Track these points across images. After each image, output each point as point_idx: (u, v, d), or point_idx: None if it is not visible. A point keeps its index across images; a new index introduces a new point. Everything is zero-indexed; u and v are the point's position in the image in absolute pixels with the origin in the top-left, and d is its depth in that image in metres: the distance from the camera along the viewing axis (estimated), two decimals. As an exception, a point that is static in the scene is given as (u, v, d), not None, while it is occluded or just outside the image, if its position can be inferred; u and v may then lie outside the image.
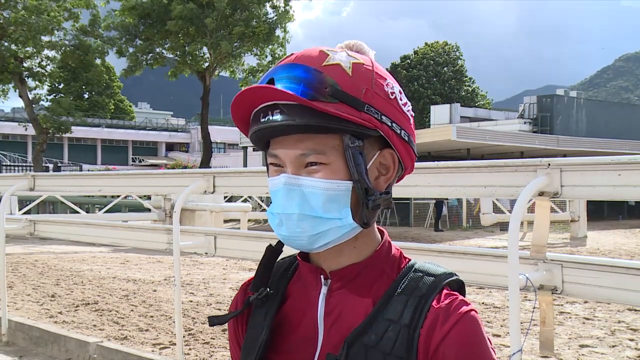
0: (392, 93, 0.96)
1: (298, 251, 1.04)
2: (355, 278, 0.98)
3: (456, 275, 0.99)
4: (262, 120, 0.93)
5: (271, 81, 0.94)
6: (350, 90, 0.92)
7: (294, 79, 0.92)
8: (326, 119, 0.90)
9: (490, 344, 0.95)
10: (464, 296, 0.98)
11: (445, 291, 0.95)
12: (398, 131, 0.96)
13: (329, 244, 0.96)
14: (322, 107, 0.89)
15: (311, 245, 0.96)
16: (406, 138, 0.98)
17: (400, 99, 0.98)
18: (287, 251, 1.05)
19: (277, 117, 0.91)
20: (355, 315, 0.96)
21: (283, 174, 0.94)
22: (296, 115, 0.90)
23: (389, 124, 0.95)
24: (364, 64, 0.96)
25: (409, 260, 1.02)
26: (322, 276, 1.00)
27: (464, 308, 0.93)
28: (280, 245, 1.04)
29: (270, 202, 1.00)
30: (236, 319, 1.08)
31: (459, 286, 0.99)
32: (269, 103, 0.92)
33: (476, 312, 0.94)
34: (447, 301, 0.93)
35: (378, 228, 1.04)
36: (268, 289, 1.02)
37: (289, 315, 1.02)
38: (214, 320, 1.05)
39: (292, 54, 0.97)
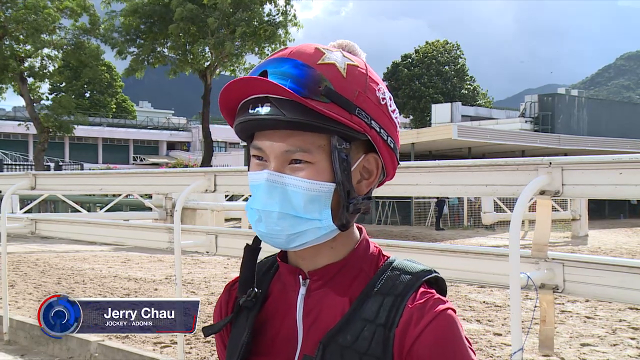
0: (383, 99, 0.96)
1: (278, 250, 1.03)
2: (333, 278, 0.98)
3: (435, 272, 0.98)
4: (251, 111, 0.92)
5: (264, 73, 0.92)
6: (343, 92, 0.91)
7: (288, 74, 0.91)
8: (316, 118, 0.90)
9: (469, 343, 0.93)
10: (445, 294, 0.97)
11: (421, 289, 0.94)
12: (385, 137, 0.96)
13: (306, 245, 0.95)
14: (314, 106, 0.89)
15: (288, 244, 0.95)
16: (392, 145, 0.98)
17: (390, 106, 0.97)
18: (266, 248, 1.03)
19: (267, 110, 0.90)
20: (333, 315, 0.95)
21: (266, 170, 0.93)
22: (286, 111, 0.89)
23: (378, 129, 0.95)
24: (358, 67, 0.95)
25: (387, 257, 1.01)
26: (300, 277, 0.99)
27: (440, 307, 0.92)
28: (257, 242, 1.02)
29: None
30: (219, 319, 1.07)
31: (439, 283, 0.98)
32: (260, 95, 0.91)
33: (453, 310, 0.93)
34: (422, 300, 0.92)
35: (357, 226, 1.03)
36: (256, 289, 1.01)
37: (270, 316, 1.01)
38: (208, 331, 1.04)
39: (286, 48, 0.96)
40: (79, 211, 13.90)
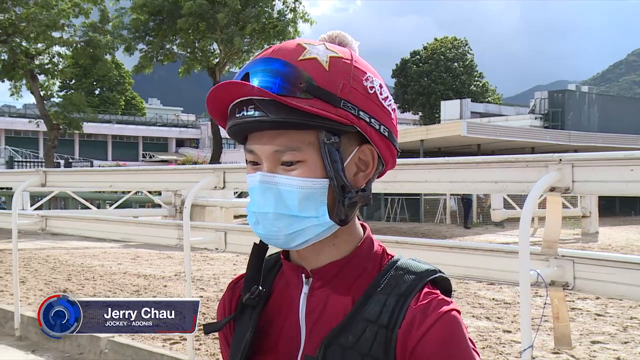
0: (372, 87, 0.94)
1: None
2: (335, 276, 0.96)
3: (440, 272, 0.96)
4: (237, 115, 0.92)
5: (246, 75, 0.92)
6: (326, 86, 0.90)
7: (269, 74, 0.90)
8: (300, 115, 0.88)
9: (473, 344, 0.92)
10: (450, 294, 0.95)
11: (425, 290, 0.92)
12: (377, 127, 0.94)
13: (307, 242, 0.94)
14: (295, 104, 0.88)
15: (288, 244, 0.94)
16: (386, 134, 0.95)
17: (381, 94, 0.95)
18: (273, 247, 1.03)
19: (251, 112, 0.90)
20: (336, 315, 0.94)
21: (259, 172, 0.93)
22: (270, 111, 0.88)
23: (367, 119, 0.93)
24: (342, 58, 0.93)
25: (392, 256, 0.99)
26: (303, 275, 0.98)
27: (444, 308, 0.90)
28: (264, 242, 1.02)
29: None
30: (223, 317, 1.07)
31: (444, 283, 0.96)
32: (244, 98, 0.91)
33: (458, 311, 0.92)
34: (425, 301, 0.91)
35: (361, 223, 1.02)
36: (260, 287, 1.00)
37: (273, 314, 1.00)
38: (209, 329, 1.04)
39: (270, 47, 0.95)
40: (89, 208, 13.98)
